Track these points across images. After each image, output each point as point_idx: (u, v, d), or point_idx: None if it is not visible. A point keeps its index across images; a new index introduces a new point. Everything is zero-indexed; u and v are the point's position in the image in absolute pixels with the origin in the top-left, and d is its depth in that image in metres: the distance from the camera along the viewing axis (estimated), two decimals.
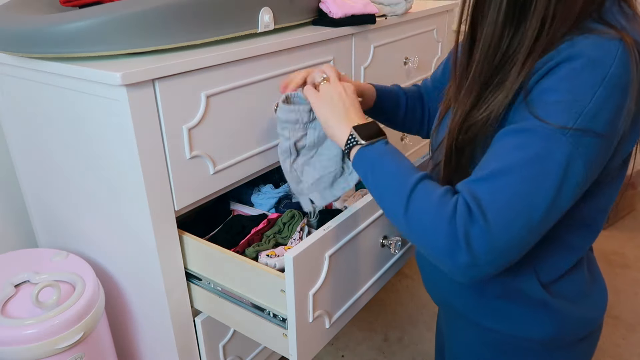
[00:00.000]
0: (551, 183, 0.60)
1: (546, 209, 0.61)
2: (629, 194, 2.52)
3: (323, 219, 1.11)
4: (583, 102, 0.60)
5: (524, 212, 0.60)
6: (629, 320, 1.91)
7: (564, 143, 0.60)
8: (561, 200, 0.61)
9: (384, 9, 1.41)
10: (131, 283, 1.09)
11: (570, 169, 0.60)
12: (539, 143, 0.61)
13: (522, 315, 0.78)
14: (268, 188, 1.25)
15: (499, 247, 0.61)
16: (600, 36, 0.61)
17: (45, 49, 0.89)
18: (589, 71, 0.60)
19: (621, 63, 0.59)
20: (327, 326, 0.98)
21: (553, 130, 0.60)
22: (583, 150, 0.60)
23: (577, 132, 0.60)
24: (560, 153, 0.60)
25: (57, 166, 1.09)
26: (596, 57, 0.60)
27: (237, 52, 0.98)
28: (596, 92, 0.59)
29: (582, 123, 0.59)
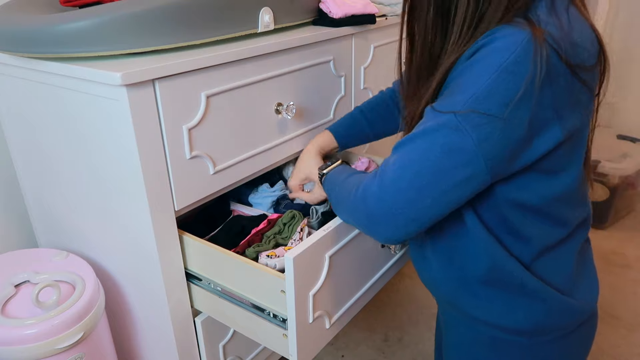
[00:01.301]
0: (437, 152, 0.66)
1: (433, 174, 0.67)
2: (628, 194, 2.52)
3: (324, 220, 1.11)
4: (476, 86, 0.64)
5: (411, 175, 0.68)
6: (629, 320, 1.91)
7: (452, 120, 0.65)
8: (451, 171, 0.67)
9: (384, 9, 1.41)
10: (131, 283, 1.09)
11: (456, 142, 0.65)
12: (432, 122, 0.67)
13: (507, 301, 0.79)
14: (264, 187, 1.25)
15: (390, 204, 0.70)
16: (512, 27, 0.65)
17: (45, 49, 0.89)
18: (489, 58, 0.64)
19: (522, 52, 0.62)
20: (327, 326, 0.98)
21: (447, 114, 0.66)
22: (471, 127, 0.64)
23: (466, 113, 0.64)
24: (446, 128, 0.65)
25: (57, 166, 1.09)
26: (500, 46, 0.64)
27: (237, 52, 0.98)
28: (490, 76, 0.63)
29: (471, 104, 0.64)
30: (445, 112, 0.66)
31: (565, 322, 0.80)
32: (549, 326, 0.79)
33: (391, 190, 0.70)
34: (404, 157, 0.70)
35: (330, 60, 1.26)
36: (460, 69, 0.68)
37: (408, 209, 0.70)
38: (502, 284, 0.78)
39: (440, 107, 0.68)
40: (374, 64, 1.44)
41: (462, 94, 0.65)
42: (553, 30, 0.64)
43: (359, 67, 1.39)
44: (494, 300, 0.80)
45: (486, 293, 0.80)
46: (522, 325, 0.79)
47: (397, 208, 0.70)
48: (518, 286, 0.77)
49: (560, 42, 0.64)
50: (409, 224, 0.71)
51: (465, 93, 0.65)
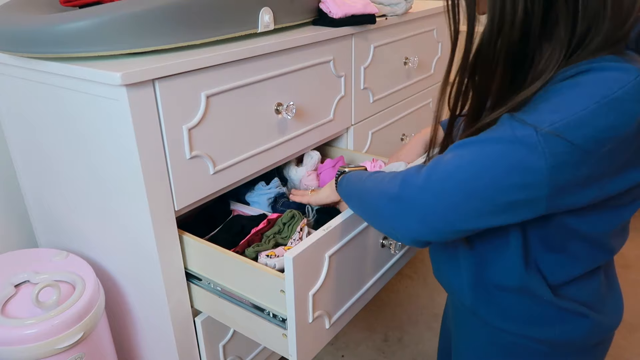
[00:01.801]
0: (503, 164, 0.59)
1: (490, 184, 0.60)
2: None
3: (320, 219, 1.11)
4: (570, 111, 0.56)
5: (465, 177, 0.61)
6: (629, 320, 1.91)
7: (532, 137, 0.57)
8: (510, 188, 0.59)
9: (384, 9, 1.41)
10: (131, 283, 1.10)
11: (528, 161, 0.57)
12: (508, 132, 0.59)
13: (532, 314, 0.76)
14: (260, 185, 1.25)
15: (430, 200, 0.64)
16: (624, 60, 0.58)
17: (45, 49, 0.89)
18: (593, 86, 0.57)
19: (633, 90, 0.55)
20: (327, 326, 0.98)
21: (522, 125, 0.58)
22: (550, 151, 0.56)
23: (550, 133, 0.56)
24: (523, 144, 0.57)
25: (57, 166, 1.09)
26: (609, 76, 0.57)
27: (237, 52, 0.98)
28: (589, 105, 0.55)
29: (559, 128, 0.56)
30: (527, 124, 0.58)
31: (591, 337, 0.78)
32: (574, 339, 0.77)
33: (437, 186, 0.63)
34: (464, 157, 0.62)
35: (330, 60, 1.26)
36: (558, 87, 0.60)
37: (447, 212, 0.63)
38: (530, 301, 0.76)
39: (522, 116, 0.60)
40: (374, 64, 1.44)
41: (552, 113, 0.57)
42: None
43: (359, 67, 1.39)
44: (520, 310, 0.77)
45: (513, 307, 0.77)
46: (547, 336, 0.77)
47: (435, 206, 0.64)
48: (547, 302, 0.75)
49: None
50: (438, 228, 0.65)
51: (555, 114, 0.57)
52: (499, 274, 0.76)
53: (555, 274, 0.74)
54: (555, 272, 0.74)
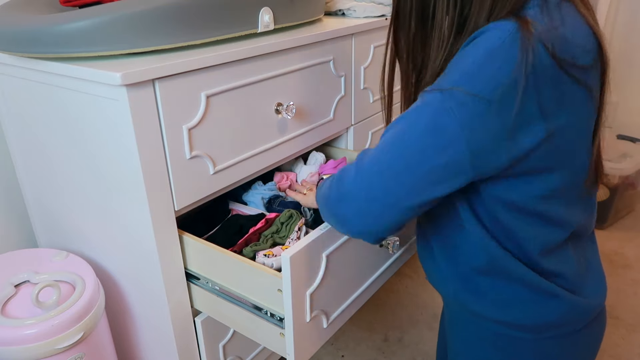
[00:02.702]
0: (418, 131, 0.65)
1: (413, 155, 0.66)
2: (628, 194, 2.52)
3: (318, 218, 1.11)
4: (464, 67, 0.64)
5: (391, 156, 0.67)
6: (629, 320, 1.91)
7: (436, 97, 0.64)
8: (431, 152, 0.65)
9: (384, 9, 1.41)
10: (131, 283, 1.10)
11: (439, 120, 0.63)
12: (417, 102, 0.67)
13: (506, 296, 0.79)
14: (256, 185, 1.26)
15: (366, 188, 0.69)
16: (501, 20, 0.65)
17: (45, 49, 0.89)
18: (478, 45, 0.64)
19: (510, 39, 0.62)
20: (325, 326, 0.99)
21: (433, 92, 0.65)
22: (456, 105, 0.62)
23: (452, 90, 0.63)
24: (430, 106, 0.65)
25: (57, 166, 1.09)
26: (489, 35, 0.64)
27: (237, 52, 0.99)
28: (478, 58, 0.63)
29: (458, 83, 0.63)
30: (433, 90, 0.65)
31: (571, 320, 0.80)
32: (553, 323, 0.79)
33: (368, 173, 0.69)
34: (385, 141, 0.69)
35: (330, 60, 1.26)
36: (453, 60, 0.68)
37: (385, 194, 0.68)
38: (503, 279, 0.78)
39: (431, 87, 0.67)
40: (374, 64, 1.44)
41: (450, 75, 0.65)
42: (541, 24, 0.64)
43: (359, 67, 1.39)
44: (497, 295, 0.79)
45: (488, 289, 0.80)
46: (525, 321, 0.79)
47: (373, 193, 0.69)
48: (520, 282, 0.77)
49: (547, 34, 0.63)
50: (386, 213, 0.69)
51: (452, 74, 0.65)
52: (468, 254, 0.79)
53: (519, 249, 0.76)
54: (517, 248, 0.76)
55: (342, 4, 1.43)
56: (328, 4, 1.44)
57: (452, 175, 0.66)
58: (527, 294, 0.78)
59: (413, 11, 0.75)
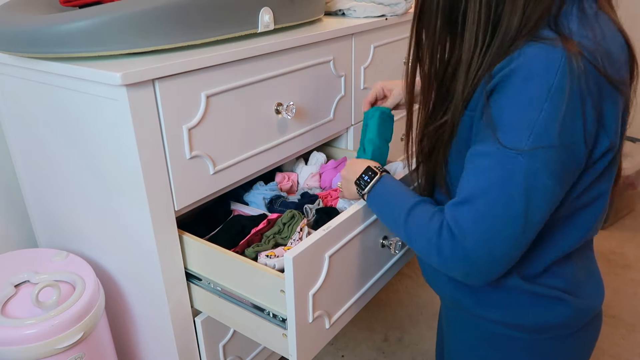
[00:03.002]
0: (518, 202, 0.65)
1: (521, 224, 0.66)
2: (628, 194, 2.52)
3: (320, 219, 1.11)
4: (532, 120, 0.63)
5: (500, 231, 0.67)
6: (628, 320, 1.91)
7: (520, 163, 0.64)
8: (534, 212, 0.66)
9: (384, 9, 1.41)
10: (131, 283, 1.10)
11: (532, 185, 0.65)
12: (499, 166, 0.66)
13: (507, 300, 0.79)
14: (258, 185, 1.26)
15: (483, 262, 0.69)
16: (544, 45, 0.63)
17: (45, 49, 0.89)
18: (533, 85, 0.63)
19: (563, 73, 0.61)
20: (327, 326, 0.98)
21: (509, 153, 0.65)
22: (541, 164, 0.64)
23: (531, 151, 0.63)
24: (519, 173, 0.65)
25: (57, 166, 1.09)
26: (539, 69, 0.63)
27: (237, 52, 0.98)
28: (543, 106, 0.62)
29: (534, 141, 0.63)
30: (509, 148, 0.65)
31: (569, 321, 0.80)
32: (551, 324, 0.79)
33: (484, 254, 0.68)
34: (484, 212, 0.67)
35: (330, 60, 1.26)
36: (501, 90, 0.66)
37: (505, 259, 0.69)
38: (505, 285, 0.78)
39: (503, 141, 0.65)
40: (374, 64, 1.44)
41: (518, 129, 0.64)
42: (587, 43, 0.63)
43: (359, 67, 1.39)
44: (497, 298, 0.80)
45: (489, 291, 0.80)
46: (524, 322, 0.79)
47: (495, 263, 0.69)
48: (521, 290, 0.78)
49: (595, 53, 0.63)
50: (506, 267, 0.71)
51: (522, 128, 0.64)
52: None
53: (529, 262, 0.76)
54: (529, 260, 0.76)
55: (342, 4, 1.43)
56: (328, 4, 1.44)
57: (553, 205, 0.69)
58: (529, 299, 0.78)
59: (440, 9, 0.71)
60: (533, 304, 0.78)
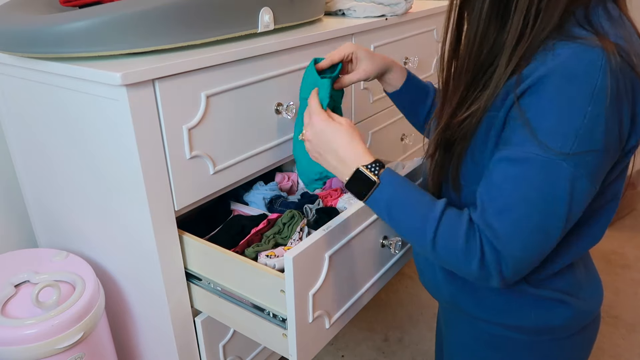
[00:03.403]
0: (561, 209, 0.64)
1: (562, 229, 0.66)
2: (628, 194, 2.52)
3: (320, 219, 1.11)
4: (576, 124, 0.61)
5: (541, 239, 0.66)
6: (629, 320, 1.91)
7: (564, 169, 0.62)
8: (573, 215, 0.66)
9: (384, 9, 1.41)
10: (131, 283, 1.10)
11: (575, 190, 0.64)
12: (541, 173, 0.63)
13: (508, 302, 0.79)
14: (258, 185, 1.26)
15: (523, 267, 0.68)
16: (581, 45, 0.61)
17: (45, 49, 0.89)
18: (575, 88, 0.61)
19: (605, 74, 0.60)
20: (327, 326, 0.98)
21: (552, 159, 0.62)
22: (585, 170, 0.63)
23: (575, 156, 0.62)
24: (563, 180, 0.63)
25: (57, 166, 1.09)
26: (580, 70, 0.60)
27: (237, 52, 0.98)
28: (587, 110, 0.61)
29: (579, 146, 0.62)
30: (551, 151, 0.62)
31: (569, 323, 0.80)
32: (552, 326, 0.79)
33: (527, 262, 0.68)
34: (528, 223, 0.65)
35: None
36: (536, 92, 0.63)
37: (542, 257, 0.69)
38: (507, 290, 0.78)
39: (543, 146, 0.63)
40: None
41: (562, 133, 0.62)
42: (622, 43, 0.62)
43: None
44: (497, 300, 0.80)
45: (489, 295, 0.80)
46: (525, 323, 0.79)
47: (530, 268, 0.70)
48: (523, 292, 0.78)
49: (630, 54, 0.62)
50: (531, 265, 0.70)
51: (566, 132, 0.62)
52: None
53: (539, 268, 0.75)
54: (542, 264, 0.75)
55: (342, 4, 1.43)
56: (328, 4, 1.44)
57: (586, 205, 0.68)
58: (531, 299, 0.78)
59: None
60: (535, 306, 0.78)
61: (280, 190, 1.27)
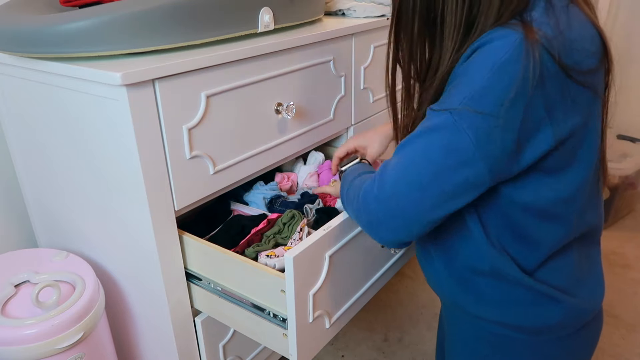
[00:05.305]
0: (436, 152, 0.67)
1: (433, 174, 0.68)
2: (628, 194, 2.52)
3: (320, 219, 1.11)
4: (471, 87, 0.65)
5: (411, 176, 0.69)
6: (629, 320, 1.91)
7: (447, 118, 0.66)
8: (450, 171, 0.67)
9: (384, 9, 1.41)
10: (131, 283, 1.10)
11: (454, 141, 0.66)
12: (430, 122, 0.69)
13: (506, 297, 0.79)
14: (258, 185, 1.26)
15: (390, 207, 0.71)
16: (506, 28, 0.65)
17: (45, 49, 0.89)
18: (484, 58, 0.65)
19: (515, 52, 0.62)
20: (327, 326, 0.98)
21: (440, 112, 0.67)
22: (468, 126, 0.65)
23: (460, 110, 0.65)
24: (444, 128, 0.66)
25: (57, 166, 1.09)
26: (494, 46, 0.64)
27: (237, 52, 0.98)
28: (484, 75, 0.64)
29: (467, 103, 0.65)
30: (441, 109, 0.67)
31: (569, 322, 0.80)
32: (549, 325, 0.79)
33: (390, 193, 0.71)
34: (403, 159, 0.71)
35: (330, 60, 1.26)
36: (459, 71, 0.68)
37: (408, 211, 0.70)
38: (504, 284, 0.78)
39: (437, 106, 0.69)
40: (374, 64, 1.44)
41: (458, 94, 0.66)
42: (547, 30, 0.64)
43: (359, 67, 1.39)
44: (497, 298, 0.80)
45: (488, 291, 0.80)
46: (525, 323, 0.79)
47: (396, 210, 0.71)
48: (521, 286, 0.77)
49: (553, 42, 0.64)
50: (409, 226, 0.72)
51: (461, 93, 0.66)
52: (469, 258, 0.79)
53: (524, 257, 0.77)
54: (523, 255, 0.76)
55: (342, 4, 1.43)
56: (328, 4, 1.44)
57: (472, 188, 0.69)
58: (527, 297, 0.78)
59: (417, 11, 0.73)
60: (531, 302, 0.78)
61: (280, 190, 1.27)
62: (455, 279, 0.83)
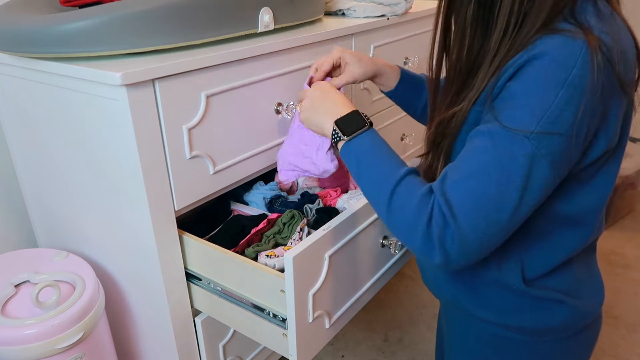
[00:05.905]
0: (516, 184, 0.63)
1: (513, 208, 0.63)
2: (628, 194, 2.52)
3: (320, 218, 1.11)
4: (545, 105, 0.61)
5: (492, 213, 0.63)
6: (629, 320, 1.91)
7: (526, 146, 0.62)
8: (528, 198, 0.64)
9: (384, 9, 1.41)
10: (131, 283, 1.10)
11: (534, 170, 0.63)
12: (502, 146, 0.63)
13: (508, 302, 0.79)
14: (258, 185, 1.26)
15: (470, 247, 0.64)
16: (564, 35, 0.62)
17: (45, 49, 0.89)
18: (551, 72, 0.61)
19: (583, 64, 0.60)
20: (327, 326, 0.98)
21: (516, 134, 0.62)
22: (546, 151, 0.62)
23: (539, 135, 0.62)
24: (522, 156, 0.62)
25: (57, 166, 1.09)
26: (559, 57, 0.61)
27: (237, 52, 0.98)
28: (558, 93, 0.61)
29: (544, 126, 0.61)
30: (513, 129, 0.63)
31: (571, 324, 0.80)
32: (551, 327, 0.79)
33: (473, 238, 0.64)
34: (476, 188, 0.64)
35: None
36: (516, 77, 0.64)
37: (487, 246, 0.66)
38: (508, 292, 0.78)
39: (510, 123, 0.63)
40: None
41: (529, 113, 0.62)
42: (606, 39, 0.62)
43: None
44: (498, 301, 0.80)
45: (491, 295, 0.80)
46: (525, 324, 0.79)
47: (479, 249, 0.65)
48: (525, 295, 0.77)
49: (613, 51, 0.62)
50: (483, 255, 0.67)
51: (532, 112, 0.62)
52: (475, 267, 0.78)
53: (537, 262, 0.76)
54: (536, 260, 0.76)
55: (342, 4, 1.43)
56: (328, 4, 1.44)
57: (544, 197, 0.67)
58: (529, 300, 0.78)
59: None
60: (533, 307, 0.78)
61: (280, 190, 1.27)
62: (457, 281, 0.83)
